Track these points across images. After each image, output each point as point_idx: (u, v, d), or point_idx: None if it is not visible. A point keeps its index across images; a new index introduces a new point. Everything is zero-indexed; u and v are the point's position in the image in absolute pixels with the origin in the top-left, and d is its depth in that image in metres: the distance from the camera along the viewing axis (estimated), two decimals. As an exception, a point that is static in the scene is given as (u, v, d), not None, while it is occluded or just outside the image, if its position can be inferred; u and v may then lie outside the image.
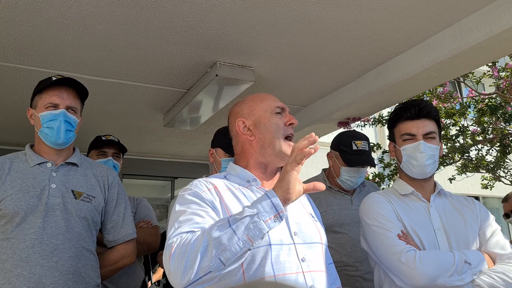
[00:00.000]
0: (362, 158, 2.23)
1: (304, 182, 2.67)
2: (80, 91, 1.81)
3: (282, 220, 1.10)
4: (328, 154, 2.39)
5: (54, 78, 1.75)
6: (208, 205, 1.22)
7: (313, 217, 1.40)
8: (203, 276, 1.05)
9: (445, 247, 1.52)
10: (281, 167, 1.47)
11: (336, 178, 2.30)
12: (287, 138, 1.37)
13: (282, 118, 1.39)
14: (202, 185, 1.29)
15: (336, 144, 2.33)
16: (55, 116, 1.71)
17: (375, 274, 1.68)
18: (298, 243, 1.26)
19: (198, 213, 1.18)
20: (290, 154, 1.15)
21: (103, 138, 2.44)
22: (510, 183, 6.63)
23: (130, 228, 1.89)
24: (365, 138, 2.32)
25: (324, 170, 2.47)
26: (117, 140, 2.46)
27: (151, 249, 2.41)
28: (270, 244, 1.20)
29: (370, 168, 2.29)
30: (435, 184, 1.72)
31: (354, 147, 2.24)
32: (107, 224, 1.84)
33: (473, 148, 6.18)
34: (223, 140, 1.99)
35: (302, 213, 1.37)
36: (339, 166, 2.27)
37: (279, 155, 1.35)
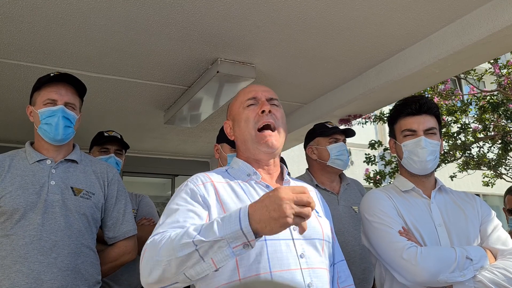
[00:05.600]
0: (340, 129, 2.36)
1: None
2: (78, 87, 1.81)
3: (253, 247, 0.96)
4: (308, 150, 2.39)
5: (52, 75, 1.75)
6: (196, 201, 1.19)
7: (317, 212, 1.34)
8: (170, 285, 1.02)
9: (446, 243, 1.51)
10: (282, 158, 1.44)
11: (327, 162, 2.29)
12: (263, 127, 1.31)
13: (256, 108, 1.33)
14: (198, 180, 1.26)
15: (312, 134, 2.40)
16: (53, 112, 1.71)
17: (376, 271, 1.68)
18: (297, 238, 1.20)
19: (182, 211, 1.15)
20: (301, 197, 0.95)
21: (105, 134, 2.42)
22: (511, 180, 6.63)
23: (131, 224, 1.88)
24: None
25: (307, 169, 2.44)
26: (119, 137, 2.45)
27: (153, 247, 2.40)
28: (265, 239, 1.15)
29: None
30: (435, 180, 1.71)
31: (329, 126, 2.38)
32: (107, 221, 1.83)
33: (475, 145, 6.18)
34: None
35: None
36: (324, 149, 2.29)
37: (256, 148, 1.31)
